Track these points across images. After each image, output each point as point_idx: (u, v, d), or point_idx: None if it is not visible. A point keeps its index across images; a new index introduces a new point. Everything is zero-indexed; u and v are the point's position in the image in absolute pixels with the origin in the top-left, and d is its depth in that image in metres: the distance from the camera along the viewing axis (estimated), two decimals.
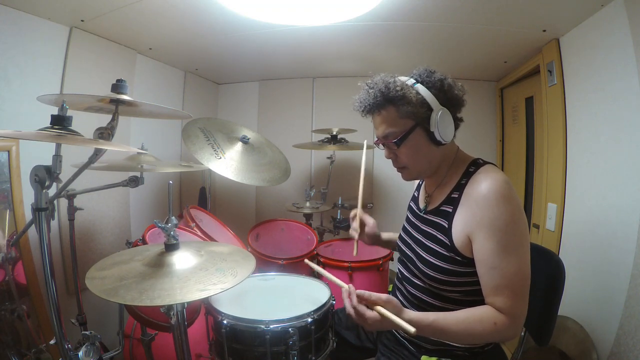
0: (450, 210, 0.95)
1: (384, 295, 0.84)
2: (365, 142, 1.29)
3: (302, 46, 1.98)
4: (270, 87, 2.78)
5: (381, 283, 1.64)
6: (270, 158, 1.93)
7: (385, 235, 1.32)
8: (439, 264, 0.93)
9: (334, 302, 1.12)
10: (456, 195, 0.95)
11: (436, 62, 2.19)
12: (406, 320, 0.82)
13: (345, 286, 0.92)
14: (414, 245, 1.04)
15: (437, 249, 0.94)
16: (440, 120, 0.93)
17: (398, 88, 0.91)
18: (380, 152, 1.06)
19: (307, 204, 2.16)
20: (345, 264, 1.55)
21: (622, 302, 1.18)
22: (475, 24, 1.57)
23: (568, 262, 1.42)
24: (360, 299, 0.86)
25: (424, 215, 1.04)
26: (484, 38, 1.72)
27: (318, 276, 1.68)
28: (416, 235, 1.05)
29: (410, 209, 1.17)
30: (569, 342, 1.31)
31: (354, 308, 0.86)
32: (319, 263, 1.67)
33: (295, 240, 1.93)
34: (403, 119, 0.94)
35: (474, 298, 0.92)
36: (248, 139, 1.87)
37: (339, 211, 2.16)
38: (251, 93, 2.81)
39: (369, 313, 0.84)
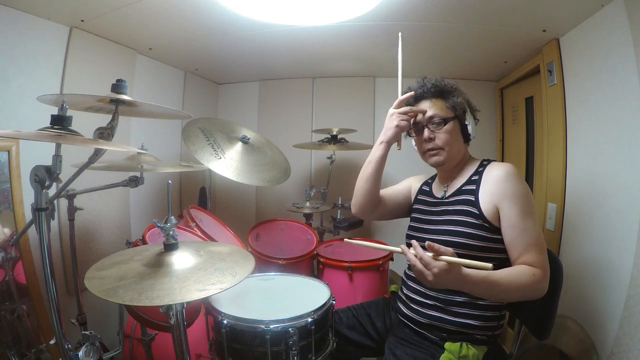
0: (474, 187, 1.11)
1: (449, 249, 0.89)
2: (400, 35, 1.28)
3: (302, 46, 1.98)
4: (270, 87, 2.78)
5: (381, 283, 1.64)
6: (270, 158, 1.92)
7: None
8: (469, 230, 1.05)
9: (334, 302, 1.13)
10: (476, 178, 1.13)
11: (436, 62, 2.19)
12: (464, 274, 0.89)
13: (405, 248, 0.95)
14: (435, 227, 1.14)
15: (465, 219, 1.07)
16: (472, 119, 1.18)
17: (450, 84, 1.17)
18: None
19: (307, 204, 2.16)
20: (345, 264, 1.55)
21: (622, 302, 1.18)
22: (475, 24, 1.57)
23: (568, 262, 1.42)
24: (430, 248, 0.89)
25: (446, 200, 1.17)
26: (484, 38, 1.72)
27: (319, 275, 1.68)
28: (438, 219, 1.15)
29: (423, 202, 1.27)
30: (569, 342, 1.31)
31: (421, 259, 0.89)
32: (319, 263, 1.68)
33: (295, 240, 1.93)
34: (447, 109, 1.15)
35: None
36: (248, 139, 1.87)
37: (339, 211, 2.16)
38: (251, 93, 2.81)
39: (436, 262, 0.87)
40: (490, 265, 0.82)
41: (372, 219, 1.40)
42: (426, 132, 1.15)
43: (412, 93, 1.19)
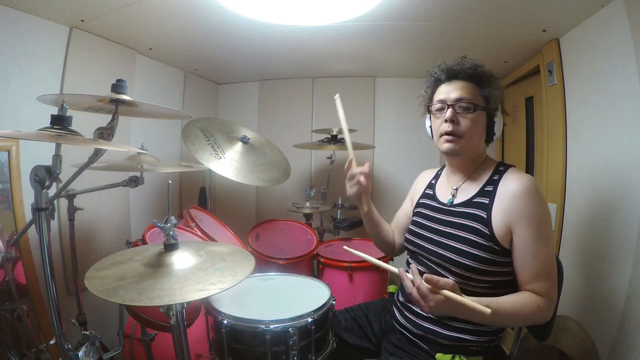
0: (487, 201, 0.99)
1: (450, 281, 0.84)
2: (337, 96, 1.29)
3: (302, 46, 1.98)
4: (270, 87, 2.78)
5: (381, 283, 1.64)
6: (270, 158, 1.93)
7: (377, 214, 1.27)
8: (477, 252, 0.96)
9: (334, 302, 1.12)
10: (490, 189, 1.01)
11: (436, 62, 2.19)
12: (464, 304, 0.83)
13: (402, 272, 0.91)
14: (439, 238, 1.05)
15: (474, 238, 0.97)
16: (500, 119, 1.06)
17: (490, 73, 1.05)
18: (381, 152, 1.08)
19: (307, 204, 2.16)
20: (345, 264, 1.55)
21: (622, 302, 1.17)
22: (475, 23, 1.57)
23: (568, 262, 1.42)
24: (428, 282, 0.84)
25: (452, 209, 1.07)
26: (484, 38, 1.72)
27: (319, 275, 1.68)
28: (442, 229, 1.06)
29: (424, 205, 1.18)
30: (569, 342, 1.31)
31: (418, 288, 0.85)
32: (319, 263, 1.68)
33: (295, 240, 1.93)
34: (479, 97, 1.03)
35: (498, 291, 0.96)
36: (248, 139, 1.87)
37: (339, 211, 2.16)
38: (251, 93, 2.81)
39: (434, 295, 0.83)
40: (488, 310, 0.77)
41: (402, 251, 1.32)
42: (449, 112, 1.01)
43: (351, 157, 1.15)
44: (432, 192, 1.20)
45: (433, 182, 1.24)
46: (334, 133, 2.18)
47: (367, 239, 2.04)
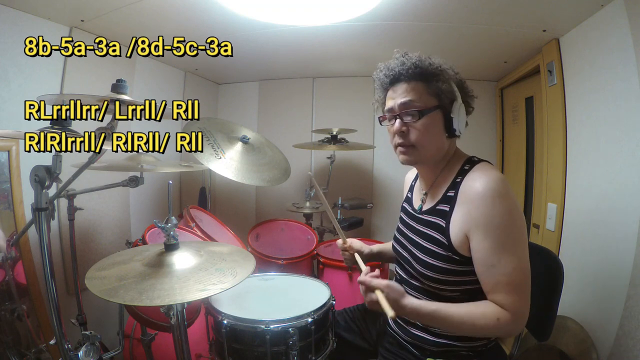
0: (447, 209, 0.93)
1: (384, 282, 0.87)
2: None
3: (302, 46, 1.98)
4: (270, 87, 2.78)
5: None
6: (270, 158, 1.92)
7: (375, 247, 1.29)
8: (437, 263, 0.91)
9: (334, 302, 1.13)
10: (452, 194, 0.94)
11: None
12: (406, 305, 0.85)
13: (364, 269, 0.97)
14: (409, 246, 1.03)
15: (434, 248, 0.93)
16: (460, 111, 0.95)
17: (436, 65, 0.94)
18: (381, 152, 1.06)
19: (307, 204, 2.16)
20: None
21: (622, 302, 1.17)
22: (475, 24, 1.57)
23: (568, 262, 1.42)
24: (362, 283, 0.90)
25: (420, 216, 1.02)
26: (484, 38, 1.72)
27: (319, 275, 1.68)
28: (411, 236, 1.03)
29: (404, 210, 1.15)
30: (569, 342, 1.31)
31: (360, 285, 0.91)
32: (319, 263, 1.67)
33: (295, 240, 1.93)
34: (429, 96, 0.93)
35: (474, 298, 0.91)
36: (248, 139, 1.87)
37: (339, 211, 2.16)
38: (251, 93, 2.82)
39: (369, 294, 0.88)
40: (392, 313, 0.80)
41: None
42: (397, 124, 0.94)
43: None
44: (410, 196, 1.15)
45: (413, 183, 1.18)
46: (334, 133, 2.18)
47: (367, 239, 2.04)
